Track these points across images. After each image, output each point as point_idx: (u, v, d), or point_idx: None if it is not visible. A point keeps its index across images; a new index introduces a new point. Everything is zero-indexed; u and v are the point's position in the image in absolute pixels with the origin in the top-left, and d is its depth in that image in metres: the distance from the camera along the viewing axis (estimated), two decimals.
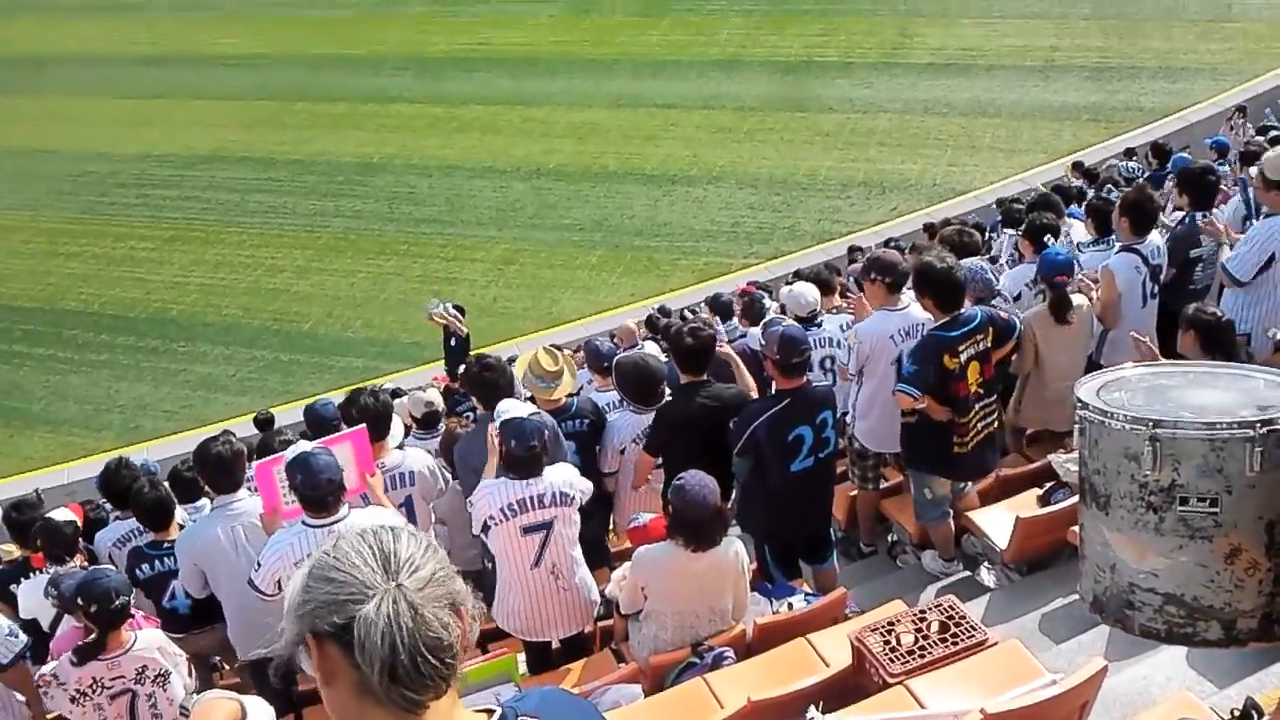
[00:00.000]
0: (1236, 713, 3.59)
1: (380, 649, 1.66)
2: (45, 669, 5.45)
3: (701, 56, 31.44)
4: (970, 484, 6.95)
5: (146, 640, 5.42)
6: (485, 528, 5.50)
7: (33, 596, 6.37)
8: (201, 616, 6.37)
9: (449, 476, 6.74)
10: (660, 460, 6.46)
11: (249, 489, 6.12)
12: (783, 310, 9.05)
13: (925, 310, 6.54)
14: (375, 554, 1.75)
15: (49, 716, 6.42)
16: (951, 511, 6.85)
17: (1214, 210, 7.87)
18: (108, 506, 8.08)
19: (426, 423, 8.03)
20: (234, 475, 6.10)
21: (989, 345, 6.39)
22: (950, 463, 6.55)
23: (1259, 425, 2.92)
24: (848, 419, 7.33)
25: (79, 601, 5.29)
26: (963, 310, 6.36)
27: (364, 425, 5.88)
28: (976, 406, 6.40)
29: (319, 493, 5.11)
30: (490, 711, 1.82)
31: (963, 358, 6.22)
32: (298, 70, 33.77)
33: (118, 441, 17.09)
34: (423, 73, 32.74)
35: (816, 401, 6.13)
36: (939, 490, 6.73)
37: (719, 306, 10.25)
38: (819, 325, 8.26)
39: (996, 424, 6.68)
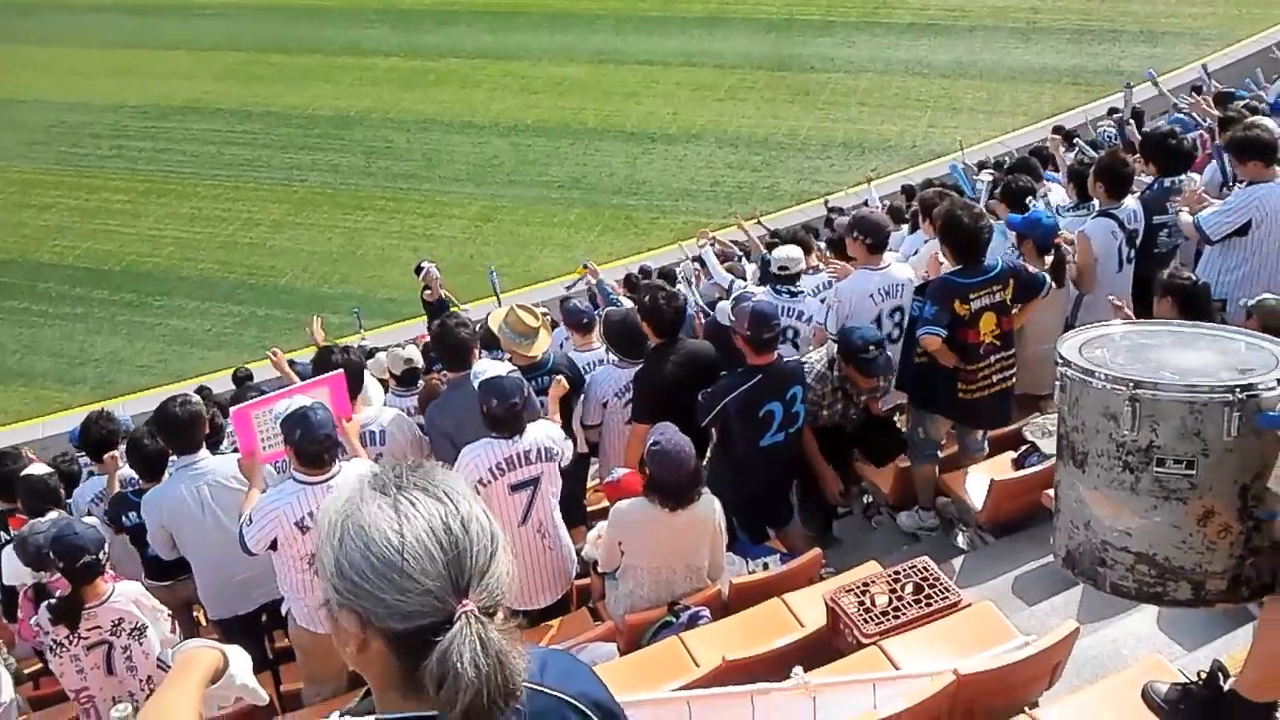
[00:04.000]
0: (1203, 674, 3.64)
1: (463, 694, 1.57)
2: (32, 619, 5.47)
3: (683, 13, 31.22)
4: (983, 438, 6.98)
5: (124, 592, 5.41)
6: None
7: (14, 561, 6.36)
8: (186, 564, 6.35)
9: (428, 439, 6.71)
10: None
11: (230, 442, 6.10)
12: (761, 271, 9.03)
13: (944, 259, 6.54)
14: (448, 555, 1.63)
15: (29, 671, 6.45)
16: (939, 455, 6.90)
17: (1190, 175, 7.89)
18: (82, 460, 8.05)
19: (406, 380, 8.00)
20: (194, 436, 6.07)
21: (1008, 298, 6.35)
22: (955, 406, 6.56)
23: (1238, 390, 2.94)
24: None
25: (50, 555, 5.28)
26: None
27: (341, 371, 5.86)
28: (992, 359, 6.37)
29: (318, 448, 5.09)
30: None
31: (974, 305, 6.20)
32: (274, 21, 33.34)
33: (92, 396, 17.00)
34: (400, 25, 32.38)
35: (786, 377, 6.14)
36: (933, 432, 6.76)
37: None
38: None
39: (1013, 379, 6.62)
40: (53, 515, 6.24)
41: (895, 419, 7.38)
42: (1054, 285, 6.96)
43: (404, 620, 1.62)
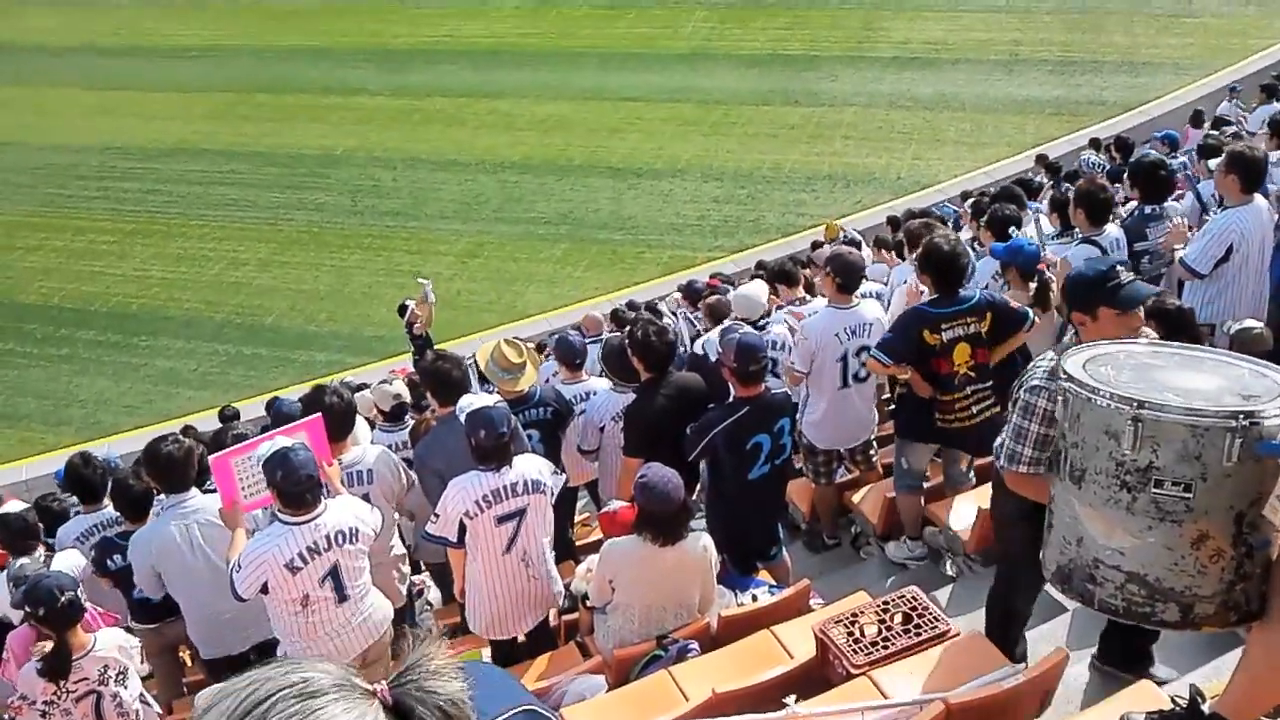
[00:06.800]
0: (1180, 700, 3.63)
1: None
2: (12, 696, 5.38)
3: (667, 50, 31.44)
4: (967, 469, 6.93)
5: (106, 640, 5.38)
6: (462, 528, 5.48)
7: (1, 595, 6.31)
8: (174, 606, 6.31)
9: (414, 476, 6.69)
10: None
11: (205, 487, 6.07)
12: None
13: (923, 285, 6.55)
14: None
15: None
16: (924, 486, 6.89)
17: (1172, 204, 7.94)
18: (70, 500, 8.00)
19: (394, 415, 7.99)
20: (186, 474, 6.05)
21: (984, 330, 6.29)
22: (933, 435, 6.56)
23: (1241, 416, 2.95)
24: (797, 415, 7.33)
25: (27, 609, 5.24)
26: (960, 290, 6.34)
27: (319, 415, 5.84)
28: (968, 390, 6.33)
29: (299, 489, 5.06)
30: None
31: (945, 335, 6.17)
32: (260, 62, 33.50)
33: (78, 437, 16.90)
34: (386, 64, 32.52)
35: (775, 409, 6.13)
36: (916, 462, 6.75)
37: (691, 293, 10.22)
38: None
39: (995, 410, 6.44)
40: (37, 553, 6.20)
41: None
42: (1040, 313, 6.97)
43: None
